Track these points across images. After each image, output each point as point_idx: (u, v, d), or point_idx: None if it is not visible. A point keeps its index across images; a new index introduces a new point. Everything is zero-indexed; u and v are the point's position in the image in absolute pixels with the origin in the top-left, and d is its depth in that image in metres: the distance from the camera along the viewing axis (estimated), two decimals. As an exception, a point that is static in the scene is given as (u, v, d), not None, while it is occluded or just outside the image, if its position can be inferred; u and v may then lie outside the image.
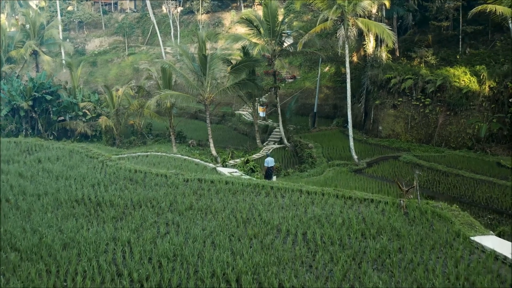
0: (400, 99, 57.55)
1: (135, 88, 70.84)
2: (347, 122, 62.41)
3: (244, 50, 60.44)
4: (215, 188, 24.74)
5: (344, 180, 42.88)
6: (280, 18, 61.63)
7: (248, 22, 60.12)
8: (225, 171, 35.22)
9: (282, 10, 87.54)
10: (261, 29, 59.86)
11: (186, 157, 39.51)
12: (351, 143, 50.42)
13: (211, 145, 59.43)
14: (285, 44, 62.60)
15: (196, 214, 21.10)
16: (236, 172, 35.47)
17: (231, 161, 56.27)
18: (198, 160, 38.72)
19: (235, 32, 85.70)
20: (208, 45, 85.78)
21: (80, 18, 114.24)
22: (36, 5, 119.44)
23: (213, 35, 67.21)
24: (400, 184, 23.73)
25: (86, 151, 32.33)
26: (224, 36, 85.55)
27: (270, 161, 33.50)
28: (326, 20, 50.27)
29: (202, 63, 56.29)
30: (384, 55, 60.02)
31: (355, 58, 66.69)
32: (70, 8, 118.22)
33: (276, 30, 58.93)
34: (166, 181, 25.94)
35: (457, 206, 22.24)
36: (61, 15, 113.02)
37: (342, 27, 49.27)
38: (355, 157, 49.71)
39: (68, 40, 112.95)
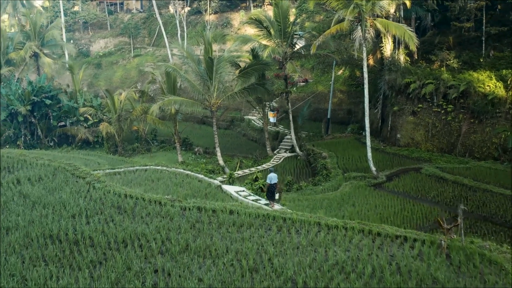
0: (420, 105, 53.83)
1: (139, 92, 67.08)
2: (362, 128, 58.87)
3: (254, 52, 56.79)
4: (217, 220, 20.96)
5: (363, 196, 39.19)
6: (292, 18, 57.87)
7: (258, 22, 56.32)
8: (232, 190, 31.56)
9: (293, 10, 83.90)
10: (272, 30, 56.13)
11: (189, 173, 35.82)
12: (369, 154, 46.65)
13: (218, 154, 55.78)
14: (297, 46, 58.81)
15: (192, 258, 17.36)
16: (243, 191, 31.84)
17: (240, 172, 52.67)
18: (202, 176, 35.02)
19: (244, 33, 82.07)
20: (216, 47, 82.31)
21: (85, 19, 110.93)
22: (41, 5, 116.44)
23: (220, 37, 63.46)
24: (441, 221, 19.68)
25: (73, 169, 28.57)
26: (232, 38, 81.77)
27: (273, 178, 29.84)
28: (342, 20, 46.56)
29: (208, 67, 52.65)
30: (402, 58, 56.12)
31: (371, 61, 62.78)
32: (76, 8, 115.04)
33: (287, 31, 55.16)
34: (160, 210, 22.15)
35: (509, 247, 18.38)
36: (65, 15, 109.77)
37: (359, 28, 45.51)
38: (373, 169, 45.95)
39: (72, 41, 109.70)
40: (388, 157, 52.27)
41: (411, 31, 45.41)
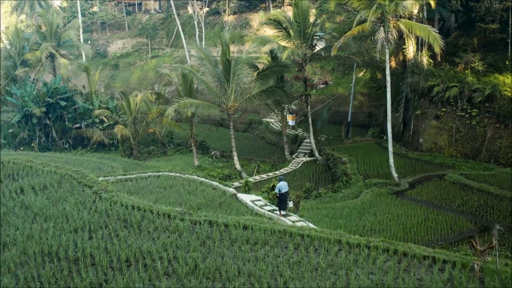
0: (444, 109, 51.93)
1: (155, 94, 65.78)
2: (383, 132, 57.19)
3: (272, 54, 55.22)
4: (230, 237, 19.45)
5: (384, 205, 37.57)
6: (312, 19, 56.19)
7: (277, 23, 54.76)
8: (247, 199, 30.06)
9: (314, 10, 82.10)
10: (291, 31, 54.53)
11: (203, 180, 34.31)
12: (391, 160, 45.02)
13: (235, 158, 54.36)
14: (317, 48, 57.18)
15: (200, 281, 15.84)
16: (259, 200, 30.30)
17: (257, 177, 51.24)
18: (217, 184, 33.50)
19: (264, 34, 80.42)
20: (234, 48, 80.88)
21: (103, 19, 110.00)
22: (59, 6, 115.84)
23: (237, 38, 61.85)
24: (474, 242, 17.97)
25: (80, 177, 27.22)
26: (251, 39, 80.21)
27: (283, 186, 28.09)
28: (364, 21, 44.91)
29: (225, 69, 51.23)
30: (425, 60, 54.24)
31: (393, 63, 60.89)
32: (95, 9, 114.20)
33: (307, 32, 53.57)
34: (169, 224, 20.69)
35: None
36: (83, 16, 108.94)
37: (382, 29, 43.86)
38: (395, 175, 44.31)
39: (89, 41, 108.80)
40: (410, 163, 50.48)
41: (436, 32, 43.66)
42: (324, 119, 62.64)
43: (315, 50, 56.00)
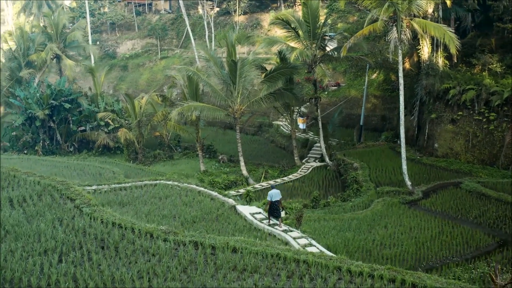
0: (460, 113, 49.58)
1: (161, 96, 63.87)
2: (397, 136, 54.94)
3: (281, 55, 53.13)
4: (215, 261, 17.29)
5: (396, 216, 35.29)
6: (322, 18, 53.93)
7: (285, 23, 52.54)
8: (247, 212, 27.98)
9: (325, 10, 79.71)
10: (300, 31, 52.36)
11: (202, 189, 32.27)
12: (404, 167, 42.63)
13: (242, 163, 52.30)
14: (328, 48, 54.95)
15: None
16: (259, 213, 28.22)
17: (264, 183, 49.10)
18: (216, 194, 31.43)
19: (274, 35, 78.19)
20: (244, 49, 78.88)
21: (112, 19, 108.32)
22: (68, 6, 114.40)
23: (243, 38, 59.60)
24: (494, 274, 15.62)
25: (64, 188, 25.22)
26: (259, 39, 78.10)
27: (274, 194, 26.26)
28: (376, 20, 42.62)
29: (231, 70, 49.20)
30: (441, 61, 51.80)
31: (407, 65, 58.44)
32: (106, 9, 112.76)
33: (317, 32, 51.36)
34: (150, 245, 18.57)
35: None
36: (93, 16, 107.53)
37: (395, 28, 41.56)
38: (409, 183, 41.95)
39: (98, 42, 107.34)
40: (424, 169, 48.05)
41: (451, 32, 41.29)
42: (335, 123, 60.43)
43: (326, 51, 53.74)
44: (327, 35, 53.65)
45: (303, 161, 57.99)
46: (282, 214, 27.03)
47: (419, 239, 30.81)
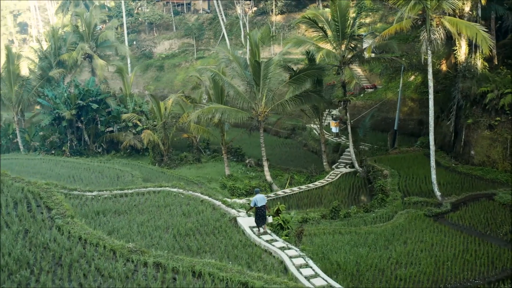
0: (498, 119, 46.11)
1: (187, 97, 62.28)
2: (434, 142, 51.87)
3: (309, 55, 50.78)
4: (172, 290, 15.18)
5: (418, 230, 32.63)
6: (352, 16, 51.33)
7: (312, 22, 50.07)
8: (246, 225, 25.81)
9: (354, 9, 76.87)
10: (328, 31, 49.87)
11: (205, 198, 30.16)
12: (433, 176, 39.90)
13: (265, 168, 50.32)
14: (365, 46, 52.29)
15: None
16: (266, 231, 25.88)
17: (288, 190, 46.90)
18: (219, 203, 29.28)
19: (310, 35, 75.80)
20: (276, 49, 76.57)
21: (149, 19, 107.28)
22: (107, 6, 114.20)
23: (267, 38, 57.23)
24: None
25: (47, 196, 23.47)
26: (289, 40, 75.79)
27: (259, 200, 24.15)
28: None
29: (255, 71, 47.20)
30: (479, 63, 48.49)
31: (444, 66, 55.32)
32: (144, 9, 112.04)
33: (346, 32, 48.79)
34: (107, 266, 16.50)
35: None
36: (131, 16, 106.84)
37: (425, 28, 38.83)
38: (438, 193, 39.16)
39: (135, 42, 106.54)
40: (458, 178, 44.83)
41: (485, 31, 38.18)
42: (366, 127, 57.73)
43: (356, 52, 51.07)
44: (356, 35, 50.90)
45: (333, 166, 55.56)
46: (270, 219, 25.09)
47: (440, 257, 28.10)
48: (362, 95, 70.54)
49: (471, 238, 30.89)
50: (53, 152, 64.88)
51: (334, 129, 63.00)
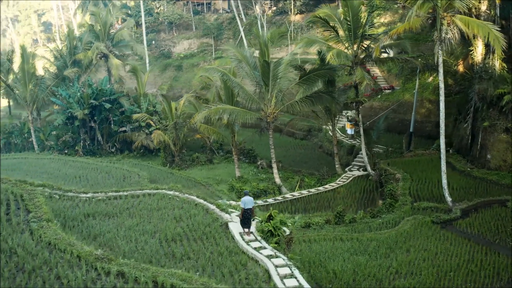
0: (515, 121, 44.58)
1: (198, 97, 61.46)
2: (450, 145, 50.88)
3: (320, 55, 49.51)
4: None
5: (424, 238, 31.24)
6: (364, 15, 50.03)
7: (323, 21, 48.88)
8: (236, 231, 24.61)
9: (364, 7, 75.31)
10: (340, 31, 48.66)
11: (200, 201, 29.12)
12: (444, 181, 38.51)
13: (275, 170, 49.32)
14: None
15: None
16: (252, 232, 24.79)
17: (296, 193, 45.75)
18: (213, 207, 28.21)
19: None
20: (290, 49, 75.32)
21: (169, 19, 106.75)
22: (128, 6, 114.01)
23: (276, 38, 56.04)
24: None
25: (29, 198, 22.70)
26: (300, 40, 74.43)
27: (247, 202, 23.35)
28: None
29: (264, 72, 46.17)
30: (497, 64, 46.76)
31: (460, 67, 53.67)
32: (163, 9, 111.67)
33: (358, 32, 47.50)
34: (71, 274, 15.61)
35: None
36: (151, 16, 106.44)
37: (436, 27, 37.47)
38: (449, 199, 37.75)
39: (153, 42, 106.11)
40: (473, 182, 43.16)
41: (499, 30, 36.64)
42: (380, 129, 56.21)
43: (368, 52, 49.70)
44: (366, 34, 49.46)
45: (346, 169, 54.27)
46: (253, 224, 24.73)
47: (443, 267, 26.77)
48: (379, 96, 69.08)
49: (478, 247, 29.45)
50: (66, 151, 64.54)
51: (350, 131, 61.60)
